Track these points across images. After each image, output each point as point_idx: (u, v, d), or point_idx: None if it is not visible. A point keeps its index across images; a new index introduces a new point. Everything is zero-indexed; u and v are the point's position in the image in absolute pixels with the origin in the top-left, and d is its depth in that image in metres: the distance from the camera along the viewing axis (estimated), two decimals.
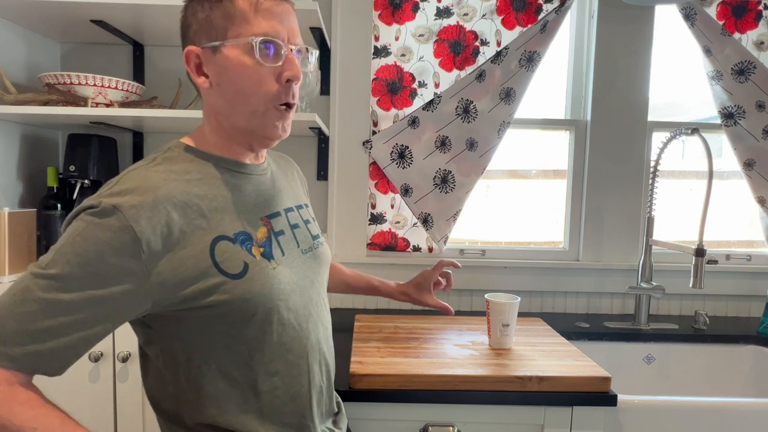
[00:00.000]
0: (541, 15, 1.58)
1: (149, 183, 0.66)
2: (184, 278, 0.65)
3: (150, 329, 0.71)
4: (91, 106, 1.31)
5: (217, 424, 0.72)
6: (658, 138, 1.71)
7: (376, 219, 1.67)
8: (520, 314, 1.60)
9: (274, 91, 0.72)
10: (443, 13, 1.59)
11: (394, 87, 1.62)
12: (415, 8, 1.59)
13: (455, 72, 1.60)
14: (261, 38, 0.69)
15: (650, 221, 1.55)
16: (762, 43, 1.63)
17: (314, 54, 0.80)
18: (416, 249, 1.68)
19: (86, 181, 1.44)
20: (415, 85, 1.61)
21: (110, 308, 0.63)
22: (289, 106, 0.74)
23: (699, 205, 1.76)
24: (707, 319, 1.56)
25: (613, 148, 1.67)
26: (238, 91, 0.71)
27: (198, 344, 0.70)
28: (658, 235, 1.76)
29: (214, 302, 0.67)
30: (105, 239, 0.61)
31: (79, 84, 1.30)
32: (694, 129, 1.38)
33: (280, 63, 0.71)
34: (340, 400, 0.94)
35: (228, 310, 0.68)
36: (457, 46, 1.60)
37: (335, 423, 0.88)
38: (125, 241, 0.62)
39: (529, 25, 1.58)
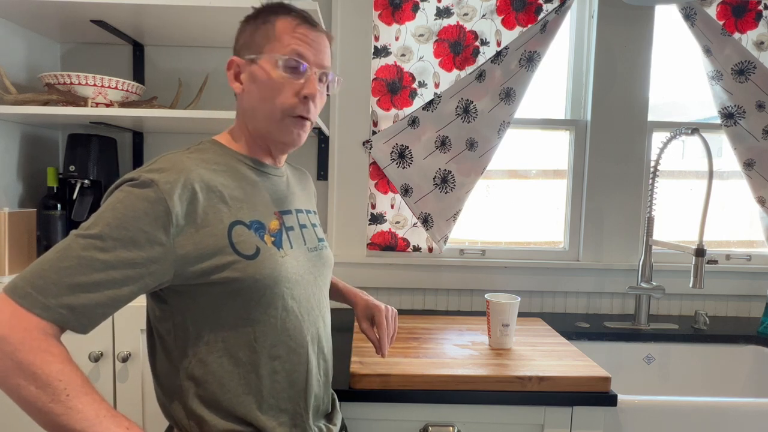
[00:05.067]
0: (541, 15, 1.58)
1: (182, 165, 0.74)
2: (203, 253, 0.72)
3: (166, 305, 0.76)
4: (91, 106, 1.31)
5: (219, 402, 0.76)
6: (658, 138, 1.71)
7: (376, 219, 1.67)
8: (520, 314, 1.60)
9: (291, 103, 0.81)
10: (443, 13, 1.59)
11: (394, 87, 1.62)
12: (415, 8, 1.59)
13: (455, 72, 1.60)
14: (288, 56, 0.80)
15: (650, 221, 1.55)
16: (762, 43, 1.63)
17: (337, 81, 0.89)
18: (416, 249, 1.68)
19: (86, 181, 1.44)
20: (415, 85, 1.61)
21: (138, 272, 0.68)
22: (303, 119, 0.82)
23: (699, 205, 1.76)
24: (707, 319, 1.56)
25: (613, 148, 1.67)
26: (261, 97, 0.81)
27: (209, 321, 0.76)
28: (658, 235, 1.76)
29: (226, 278, 0.73)
30: (142, 208, 0.68)
31: (79, 84, 1.30)
32: (694, 129, 1.38)
33: (301, 80, 0.81)
34: (336, 398, 0.96)
35: (239, 288, 0.74)
36: (457, 46, 1.60)
37: (329, 420, 0.91)
38: (159, 211, 0.69)
39: (529, 25, 1.58)
